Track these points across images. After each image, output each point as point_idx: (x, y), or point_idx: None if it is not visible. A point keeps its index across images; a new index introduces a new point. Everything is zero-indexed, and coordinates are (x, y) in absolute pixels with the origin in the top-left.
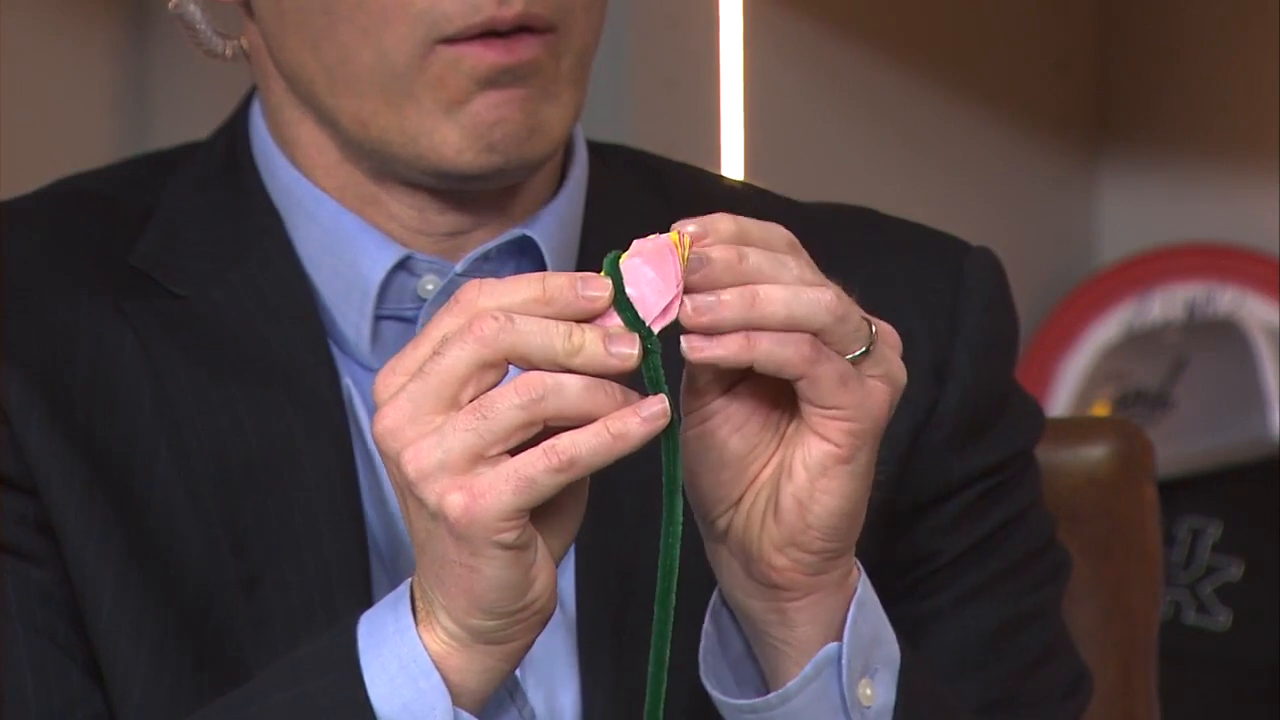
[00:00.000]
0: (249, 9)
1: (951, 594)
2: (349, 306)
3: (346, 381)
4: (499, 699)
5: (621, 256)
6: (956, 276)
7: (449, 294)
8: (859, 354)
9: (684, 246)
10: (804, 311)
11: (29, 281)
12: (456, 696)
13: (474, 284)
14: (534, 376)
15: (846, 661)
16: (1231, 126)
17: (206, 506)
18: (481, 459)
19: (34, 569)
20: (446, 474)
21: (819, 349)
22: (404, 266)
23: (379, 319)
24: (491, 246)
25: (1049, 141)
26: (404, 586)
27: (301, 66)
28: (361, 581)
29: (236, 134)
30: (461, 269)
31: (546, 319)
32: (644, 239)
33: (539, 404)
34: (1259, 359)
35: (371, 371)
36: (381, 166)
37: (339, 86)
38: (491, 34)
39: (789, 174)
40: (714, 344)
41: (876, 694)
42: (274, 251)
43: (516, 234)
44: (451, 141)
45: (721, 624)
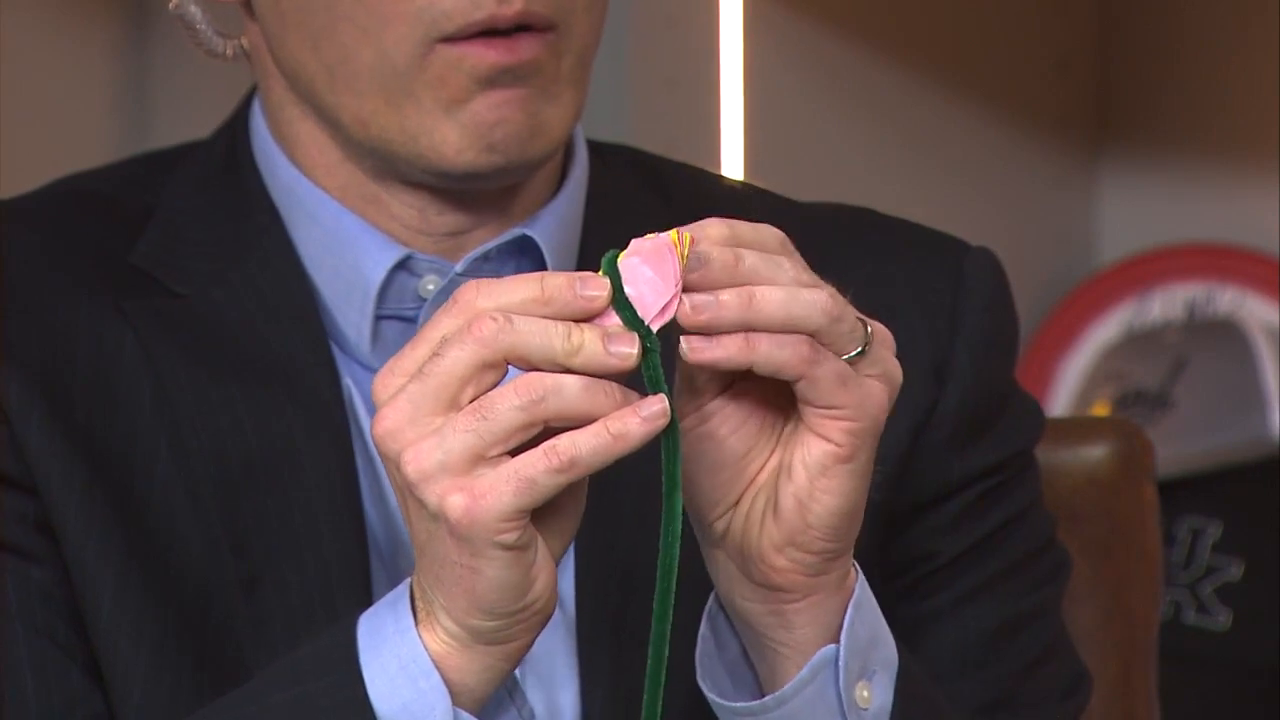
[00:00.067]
0: (249, 9)
1: (951, 594)
2: (349, 306)
3: (347, 381)
4: (498, 699)
5: (619, 255)
6: (956, 276)
7: (449, 294)
8: (855, 354)
9: (683, 245)
10: (801, 312)
11: (29, 281)
12: (456, 696)
13: (472, 284)
14: (534, 377)
15: (843, 664)
16: (1231, 126)
17: (206, 506)
18: (482, 460)
19: (34, 568)
20: (447, 475)
21: (817, 350)
22: (404, 266)
23: (379, 319)
24: (492, 246)
25: (1049, 141)
26: (403, 586)
27: (302, 66)
28: (361, 581)
29: (237, 133)
30: (462, 269)
31: (545, 319)
32: (642, 238)
33: (539, 405)
34: (1259, 359)
35: (372, 371)
36: (382, 166)
37: (339, 85)
38: (492, 33)
39: (789, 174)
40: (713, 346)
41: (874, 696)
42: (274, 251)
43: (517, 234)
44: (452, 141)
45: (718, 627)
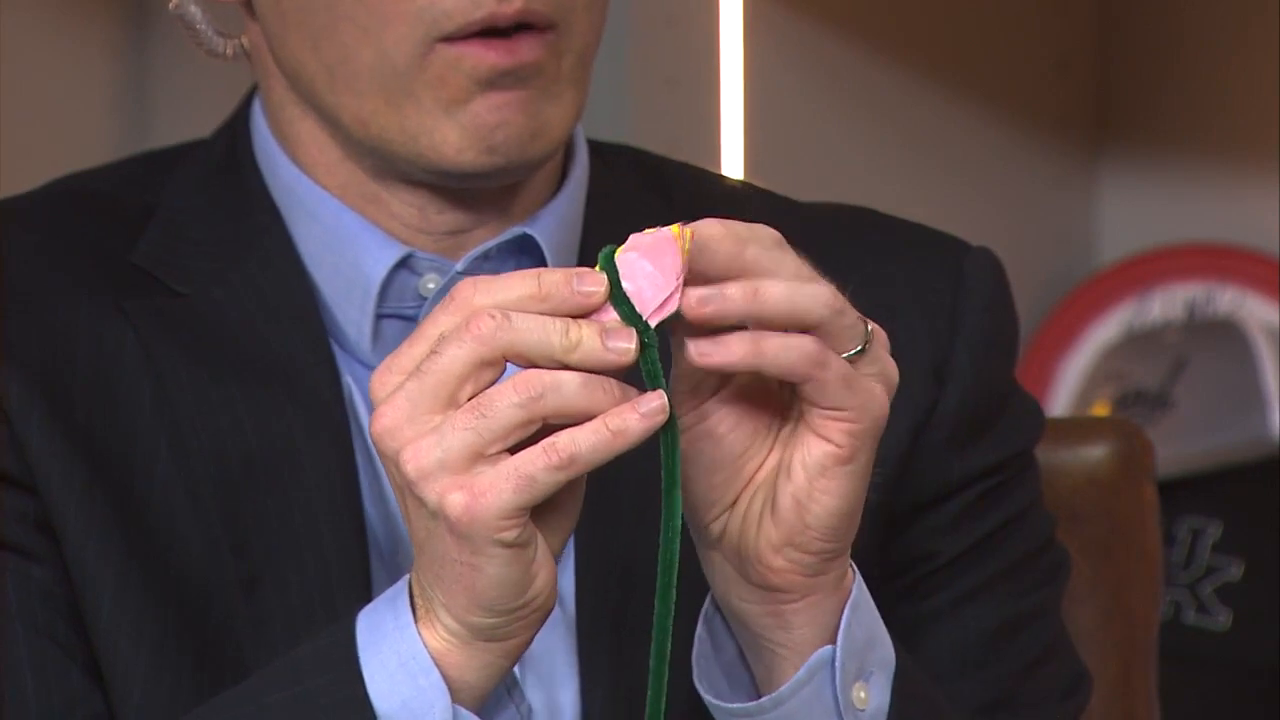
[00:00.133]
0: (250, 8)
1: (951, 594)
2: (350, 305)
3: (347, 380)
4: (496, 696)
5: (617, 251)
6: (956, 276)
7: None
8: (855, 352)
9: (685, 240)
10: (805, 304)
11: (29, 280)
12: (455, 693)
13: (469, 281)
14: (532, 375)
15: (840, 665)
16: (1231, 126)
17: (207, 506)
18: (481, 457)
19: (35, 567)
20: (446, 473)
21: (824, 352)
22: (405, 265)
23: (380, 317)
24: (492, 245)
25: (1049, 141)
26: (402, 583)
27: (302, 65)
28: (362, 581)
29: (237, 133)
30: (462, 267)
31: (543, 316)
32: (642, 233)
33: (538, 402)
34: (1259, 359)
35: (372, 370)
36: (382, 165)
37: (339, 85)
38: (492, 32)
39: (789, 174)
40: (721, 350)
41: (871, 697)
42: (275, 250)
43: (517, 232)
44: (452, 141)
45: (714, 628)
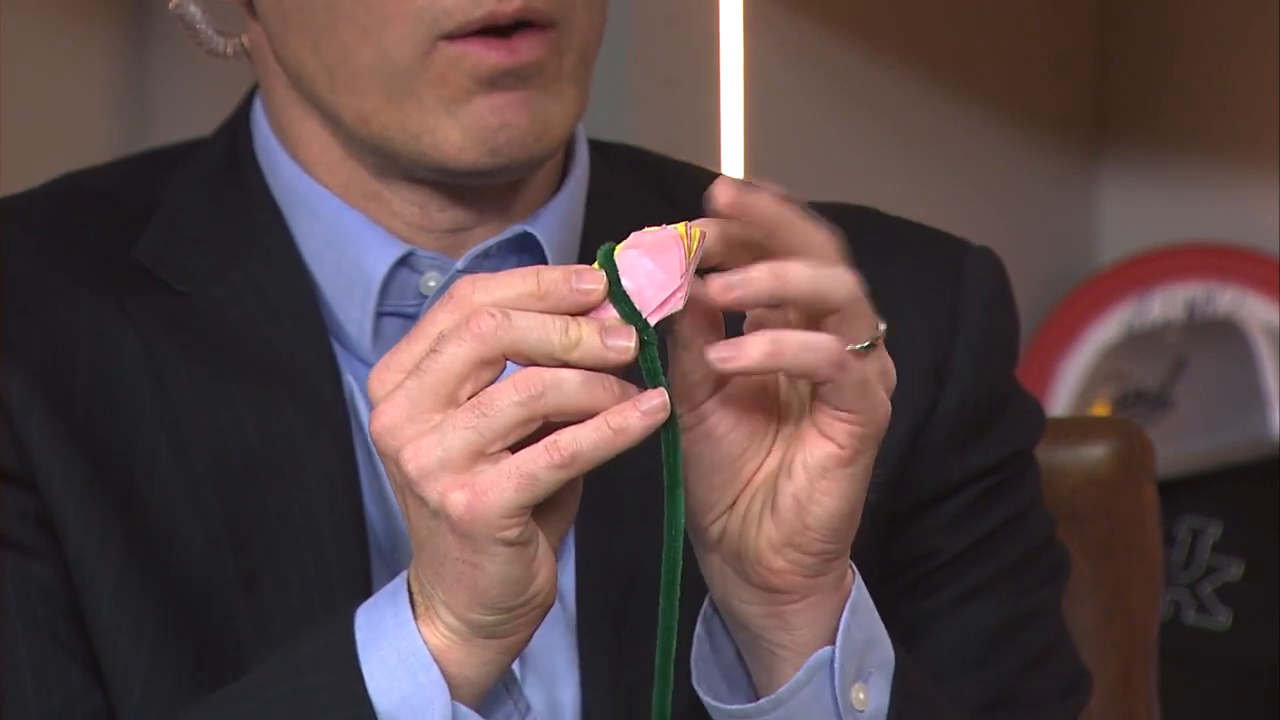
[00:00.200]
0: (251, 8)
1: (951, 593)
2: (351, 303)
3: (348, 378)
4: (494, 693)
5: (617, 248)
6: (957, 276)
7: None
8: (864, 345)
9: (690, 239)
10: (827, 286)
11: (29, 279)
12: (455, 690)
13: (468, 279)
14: (533, 373)
15: (839, 666)
16: (1231, 126)
17: (207, 505)
18: (482, 456)
19: (35, 564)
20: (448, 472)
21: (844, 354)
22: (406, 263)
23: (381, 315)
24: (493, 243)
25: (1049, 141)
26: (400, 579)
27: (302, 65)
28: (362, 581)
29: (238, 132)
30: (463, 265)
31: (543, 314)
32: (644, 231)
33: (538, 400)
34: (1259, 359)
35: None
36: (383, 163)
37: (339, 85)
38: (493, 30)
39: (789, 174)
40: (740, 353)
41: (870, 698)
42: (275, 249)
43: (518, 230)
44: (454, 140)
45: (713, 630)
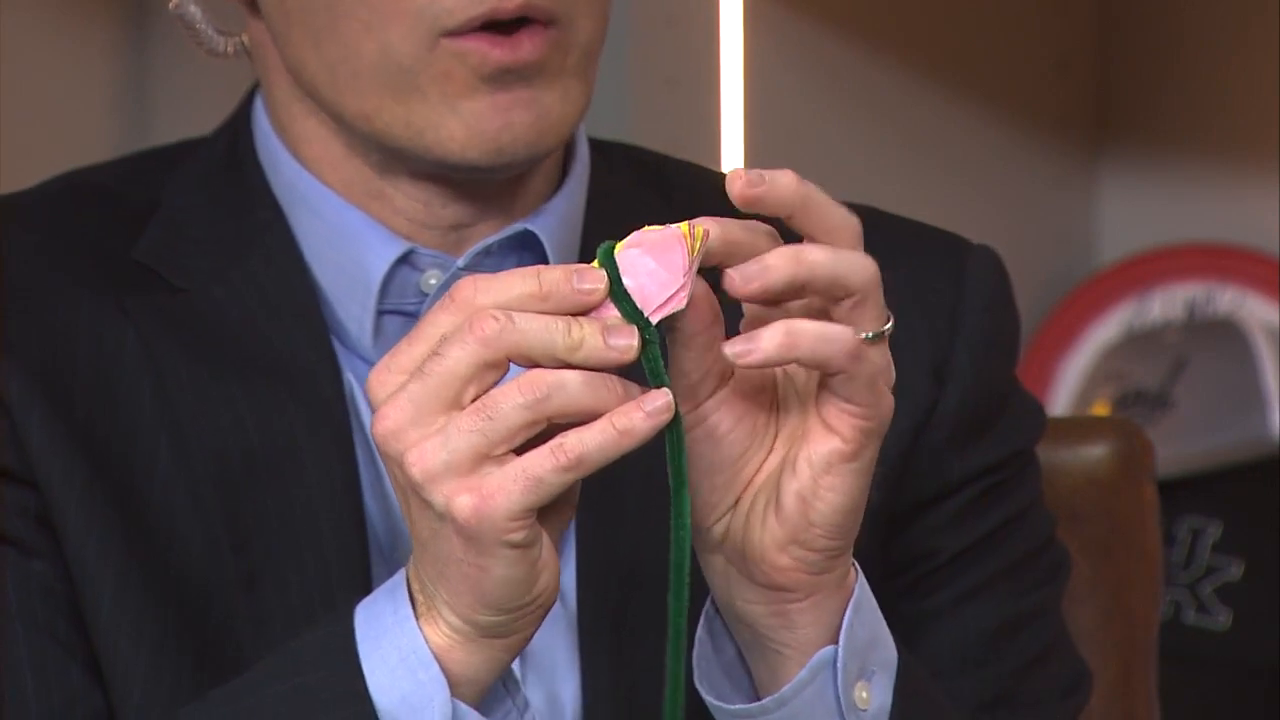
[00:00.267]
0: (253, 6)
1: (952, 592)
2: (351, 301)
3: (348, 377)
4: (493, 691)
5: (618, 246)
6: (958, 276)
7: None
8: (873, 335)
9: (694, 239)
10: (846, 270)
11: (29, 277)
12: (456, 688)
13: (469, 280)
14: (537, 376)
15: (842, 665)
16: (1231, 126)
17: (207, 504)
18: (487, 459)
19: (35, 563)
20: (453, 476)
21: (860, 345)
22: (407, 261)
23: (381, 313)
24: (494, 241)
25: (1049, 141)
26: (399, 576)
27: (304, 63)
28: (362, 580)
29: (239, 131)
30: (464, 263)
31: (545, 315)
32: (646, 230)
33: (543, 403)
34: (1259, 359)
35: (373, 366)
36: (387, 160)
37: (341, 82)
38: (495, 27)
39: None
40: (756, 347)
41: (873, 697)
42: (276, 248)
43: (519, 229)
44: (457, 137)
45: (714, 629)
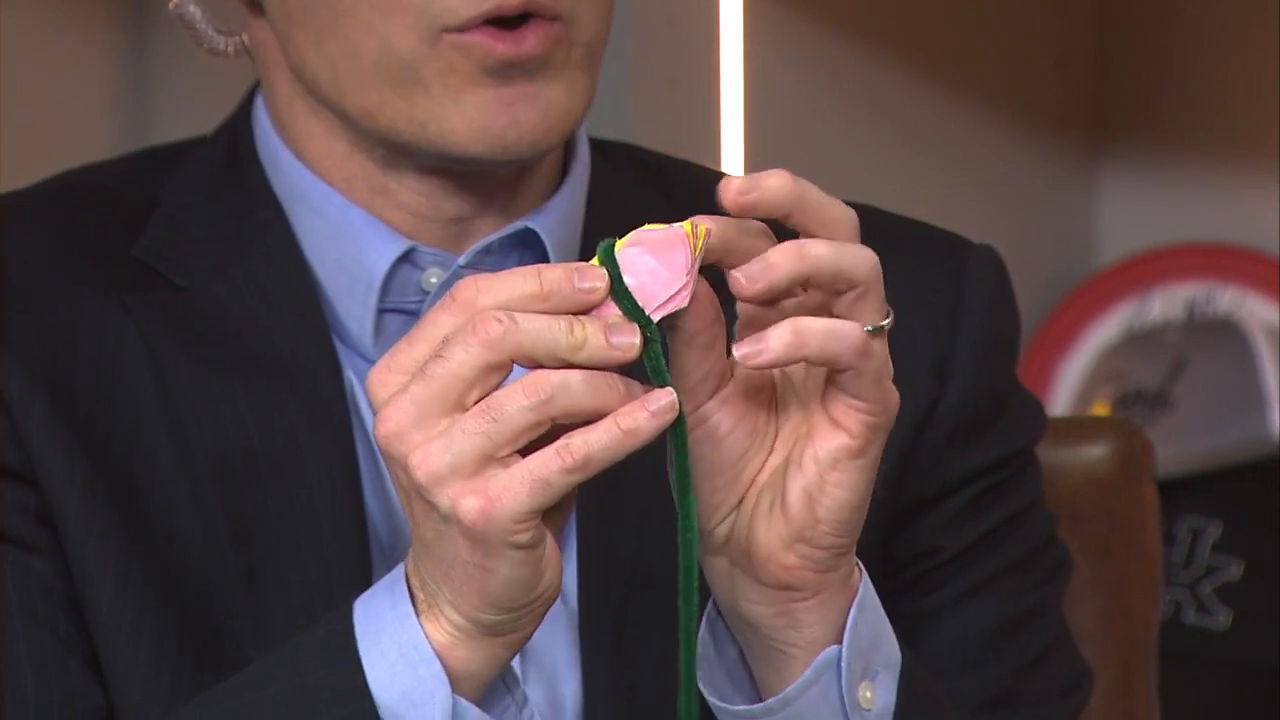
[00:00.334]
0: (254, 5)
1: (952, 591)
2: (352, 299)
3: (349, 375)
4: (492, 687)
5: (618, 244)
6: (958, 275)
7: (451, 287)
8: (874, 329)
9: (696, 237)
10: (849, 263)
11: (30, 275)
12: (456, 684)
13: (470, 280)
14: (541, 377)
15: (846, 664)
16: (1231, 126)
17: (208, 502)
18: (491, 460)
19: (35, 560)
20: (458, 478)
21: (868, 341)
22: (408, 259)
23: (382, 312)
24: (494, 239)
25: (1049, 141)
26: (398, 572)
27: (305, 61)
28: (362, 579)
29: (239, 130)
30: (465, 261)
31: (547, 315)
32: (647, 229)
33: (548, 405)
34: (1259, 359)
35: (374, 364)
36: (391, 155)
37: (343, 80)
38: (498, 22)
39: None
40: (766, 347)
41: (877, 697)
42: (277, 246)
43: (520, 227)
44: (461, 130)
45: (716, 630)
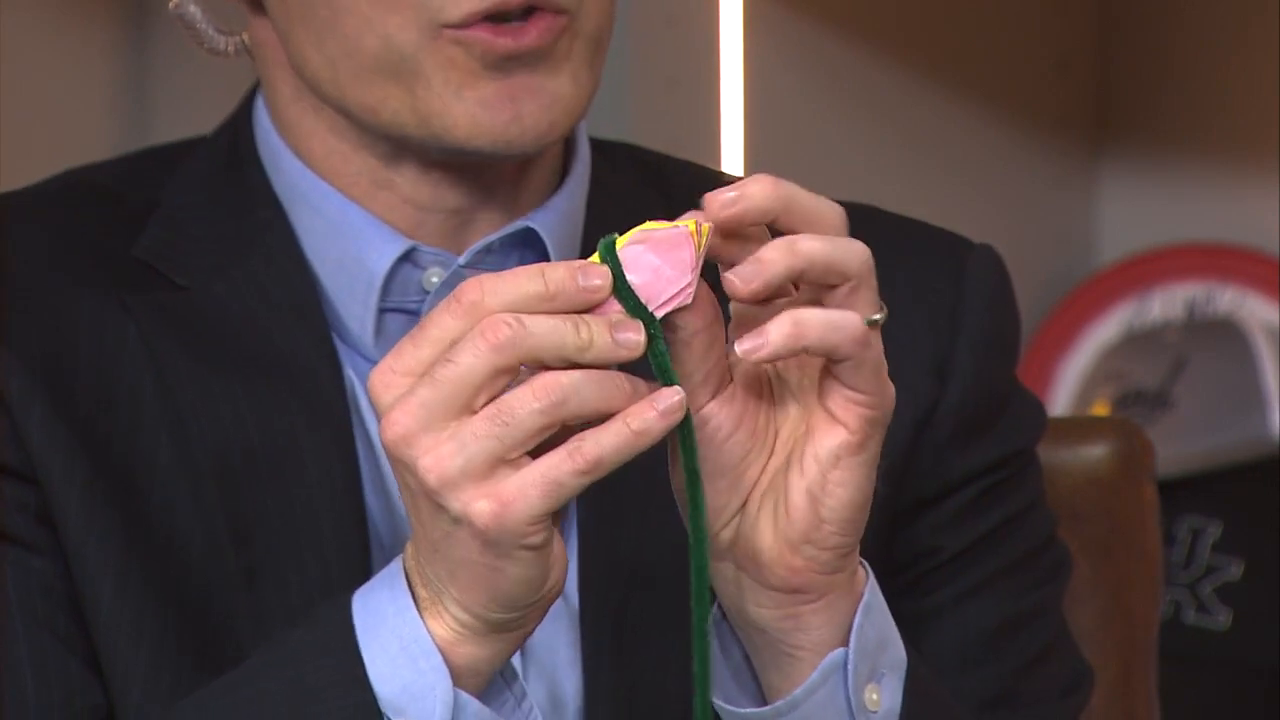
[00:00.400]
0: (254, 4)
1: (952, 591)
2: (352, 299)
3: (349, 374)
4: (492, 682)
5: (620, 241)
6: (958, 275)
7: (452, 287)
8: (872, 320)
9: (700, 235)
10: (842, 256)
11: (30, 275)
12: (458, 679)
13: (474, 282)
14: (551, 379)
15: (852, 667)
16: (1231, 126)
17: (208, 502)
18: (502, 463)
19: (35, 559)
20: (470, 481)
21: (867, 331)
22: (409, 259)
23: (383, 311)
24: (495, 239)
25: (1049, 141)
26: (396, 566)
27: (306, 60)
28: (362, 579)
29: (239, 129)
30: (465, 261)
31: (554, 316)
32: (649, 227)
33: (560, 407)
34: (1259, 359)
35: (374, 364)
36: (395, 150)
37: (344, 78)
38: (500, 18)
39: (789, 173)
40: (767, 340)
41: (883, 699)
42: (277, 245)
43: (520, 226)
44: (463, 125)
45: (721, 632)
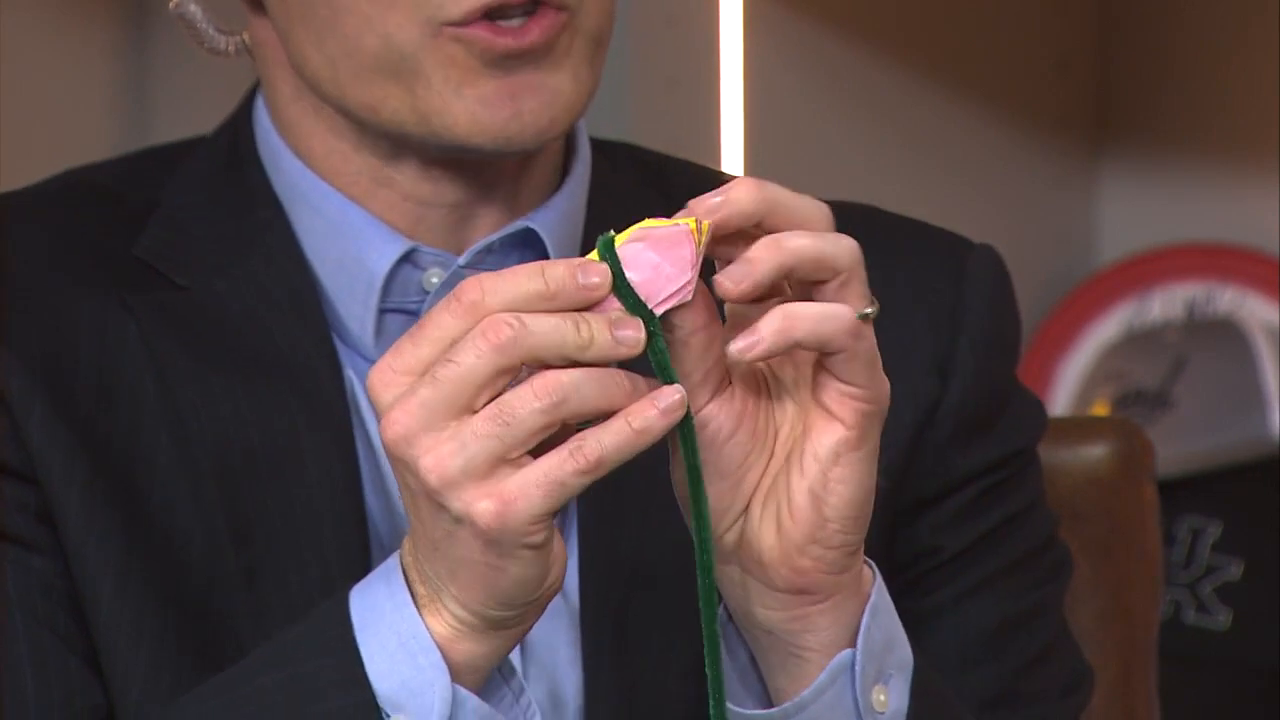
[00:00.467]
0: (256, 4)
1: (953, 590)
2: (353, 299)
3: (349, 374)
4: (490, 678)
5: (618, 239)
6: (959, 275)
7: (452, 287)
8: (865, 314)
9: (700, 233)
10: (831, 251)
11: (31, 274)
12: (457, 675)
13: (474, 281)
14: (552, 379)
15: (860, 668)
16: (1231, 126)
17: (208, 501)
18: (504, 462)
19: (35, 558)
20: (471, 481)
21: (859, 323)
22: (409, 259)
23: (383, 311)
24: (495, 239)
25: (1049, 141)
26: (393, 562)
27: (307, 59)
28: (362, 577)
29: (239, 129)
30: (465, 261)
31: (555, 315)
32: (649, 225)
33: (560, 407)
34: (1259, 359)
35: (373, 364)
36: (395, 148)
37: (344, 77)
38: (500, 15)
39: (789, 173)
40: (760, 337)
41: (890, 700)
42: (277, 245)
43: (520, 226)
44: (463, 123)
45: (726, 634)
